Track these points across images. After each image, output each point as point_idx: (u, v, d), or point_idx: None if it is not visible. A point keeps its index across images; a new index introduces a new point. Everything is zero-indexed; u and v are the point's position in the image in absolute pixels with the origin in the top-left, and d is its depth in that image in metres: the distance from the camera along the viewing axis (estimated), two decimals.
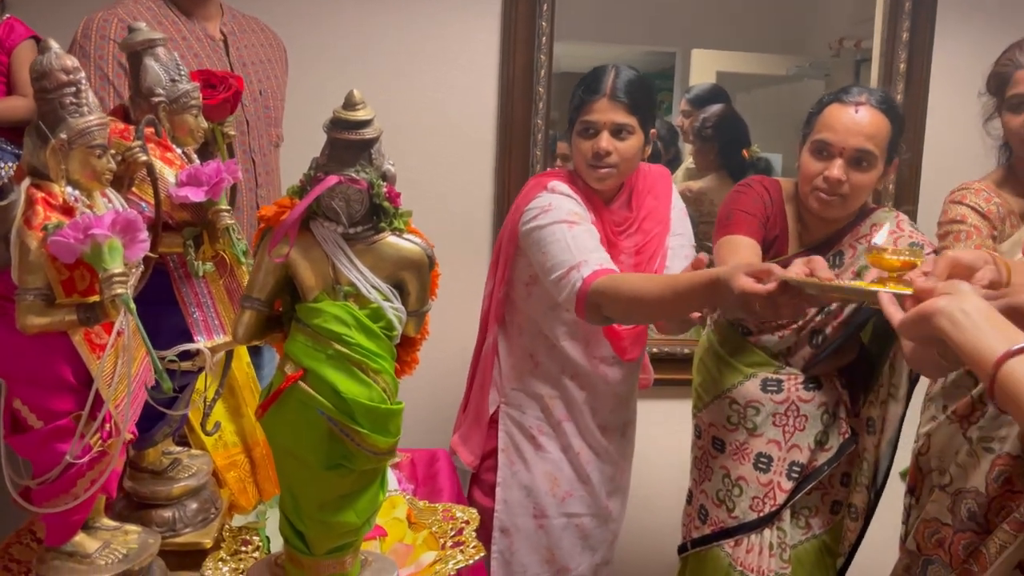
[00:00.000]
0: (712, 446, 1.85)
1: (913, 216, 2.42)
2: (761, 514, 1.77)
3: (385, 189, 0.75)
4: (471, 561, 1.04)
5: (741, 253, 1.61)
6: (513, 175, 2.32)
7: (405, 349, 0.82)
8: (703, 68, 2.73)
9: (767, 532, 1.78)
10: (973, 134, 1.91)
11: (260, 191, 1.76)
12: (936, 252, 1.68)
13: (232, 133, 1.15)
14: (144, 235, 0.78)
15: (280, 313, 0.81)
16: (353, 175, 0.74)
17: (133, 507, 1.04)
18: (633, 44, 2.71)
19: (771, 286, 1.22)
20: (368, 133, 0.75)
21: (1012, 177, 1.76)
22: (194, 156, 1.05)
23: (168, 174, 0.96)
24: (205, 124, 1.04)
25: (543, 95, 2.33)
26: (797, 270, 1.23)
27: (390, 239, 0.77)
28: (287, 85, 1.94)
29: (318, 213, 0.75)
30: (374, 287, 0.76)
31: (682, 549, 1.92)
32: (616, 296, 1.49)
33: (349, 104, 0.75)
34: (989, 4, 2.47)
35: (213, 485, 1.13)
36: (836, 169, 1.59)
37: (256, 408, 0.77)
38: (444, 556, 1.04)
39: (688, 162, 2.71)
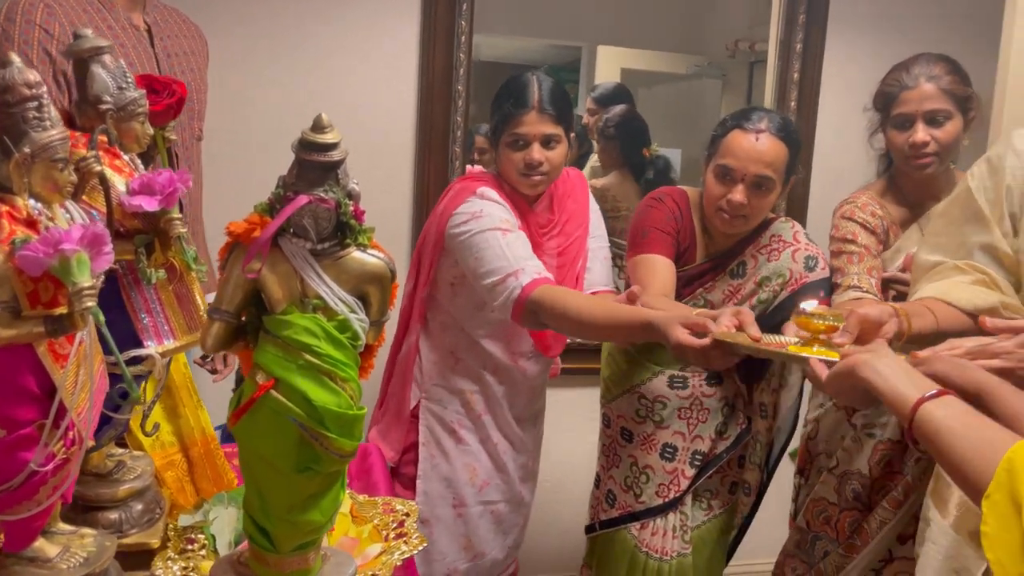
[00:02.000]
0: (621, 436, 1.96)
1: (803, 219, 2.61)
2: (666, 499, 1.90)
3: (352, 208, 0.80)
4: (415, 551, 1.10)
5: (659, 275, 1.75)
6: (433, 173, 2.36)
7: (363, 356, 0.87)
8: (608, 64, 2.82)
9: (671, 516, 1.92)
10: (860, 142, 2.08)
11: None
12: (832, 269, 1.84)
13: (173, 138, 1.16)
14: (109, 248, 0.79)
15: (244, 323, 0.85)
16: (322, 195, 0.78)
17: (79, 510, 1.04)
18: (543, 38, 2.78)
19: (705, 342, 1.32)
20: (336, 155, 0.79)
21: (893, 187, 1.93)
22: (139, 162, 1.06)
23: (118, 182, 0.97)
24: (151, 131, 1.05)
25: (463, 93, 2.37)
26: (726, 322, 1.35)
27: (355, 254, 0.82)
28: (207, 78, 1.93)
29: (287, 230, 0.79)
30: (341, 300, 0.80)
31: (590, 529, 2.04)
32: (556, 310, 1.57)
33: (318, 127, 0.79)
34: (875, 21, 2.66)
35: (155, 486, 1.15)
36: (738, 194, 1.71)
37: (229, 417, 0.81)
38: (389, 548, 1.10)
39: (593, 160, 2.81)
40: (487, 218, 1.69)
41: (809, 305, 1.26)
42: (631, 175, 2.74)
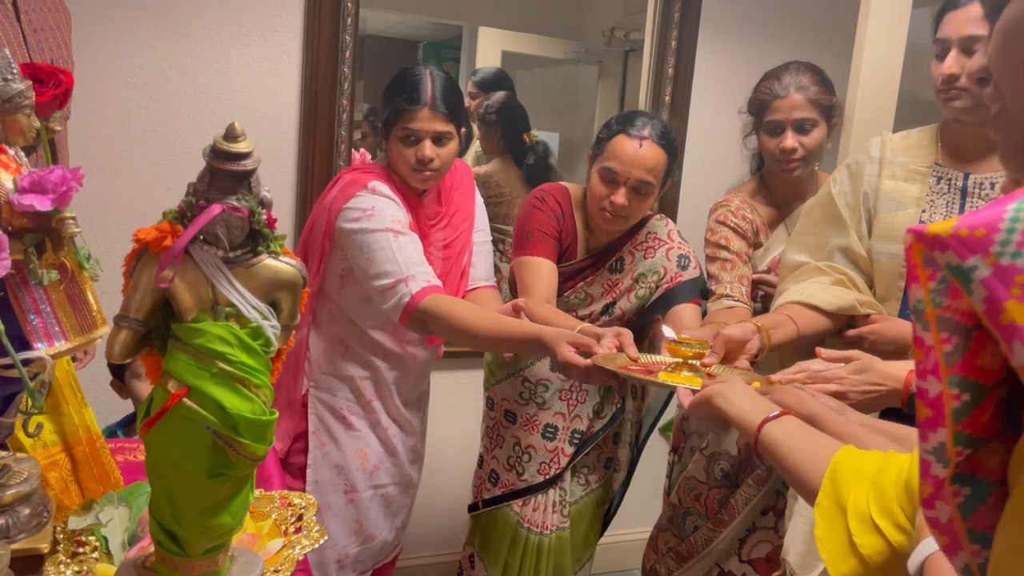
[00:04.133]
0: (504, 417, 2.04)
1: (673, 212, 2.75)
2: (547, 476, 2.00)
3: (264, 216, 0.81)
4: (316, 544, 1.12)
5: (543, 280, 1.85)
6: (317, 156, 2.33)
7: (272, 360, 0.89)
8: (489, 45, 2.87)
9: (551, 492, 2.02)
10: (730, 139, 2.22)
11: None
12: (700, 273, 1.98)
13: (58, 128, 1.11)
14: (6, 254, 0.77)
15: (150, 329, 0.84)
16: (235, 203, 0.79)
17: None
18: (426, 15, 2.79)
19: (588, 363, 1.44)
20: (249, 164, 0.80)
21: (764, 187, 2.09)
22: (23, 156, 1.01)
23: (5, 178, 0.94)
24: (37, 123, 1.01)
25: (348, 75, 2.35)
26: (608, 343, 1.47)
27: (267, 261, 0.83)
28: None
29: (198, 237, 0.79)
30: (253, 307, 0.81)
31: (473, 508, 2.12)
32: (445, 321, 1.64)
33: (231, 136, 0.79)
34: (744, 23, 2.81)
35: (42, 488, 1.11)
36: (620, 196, 1.82)
37: (140, 426, 0.80)
38: (290, 542, 1.11)
39: (475, 146, 2.85)
40: (378, 217, 1.71)
41: (670, 334, 1.44)
42: (513, 161, 2.80)
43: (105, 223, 2.10)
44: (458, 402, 2.64)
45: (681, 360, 1.39)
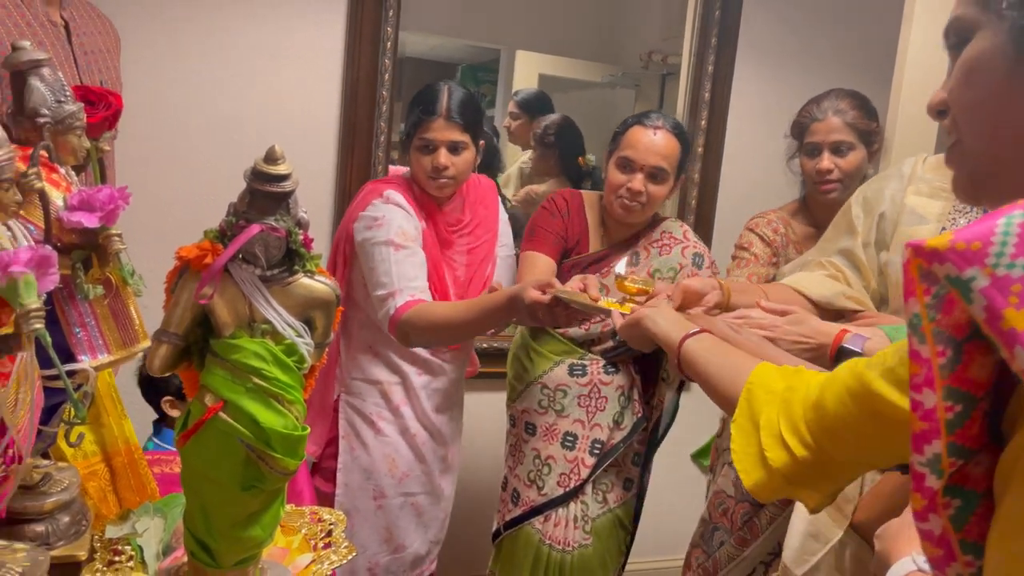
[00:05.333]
0: (525, 431, 2.05)
1: (709, 233, 2.75)
2: (567, 489, 2.00)
3: (301, 236, 0.83)
4: (344, 561, 1.13)
5: (537, 267, 1.92)
6: (355, 175, 2.38)
7: (306, 376, 0.91)
8: (526, 68, 2.91)
9: (572, 506, 2.01)
10: (765, 163, 2.23)
11: None
12: (714, 273, 2.01)
13: (106, 148, 1.15)
14: (55, 269, 0.80)
15: (189, 344, 0.87)
16: (273, 223, 0.81)
17: (4, 523, 1.03)
18: (464, 39, 2.83)
19: (547, 297, 1.54)
20: (287, 186, 0.82)
21: (805, 209, 2.12)
22: (74, 175, 1.05)
23: (55, 196, 0.97)
24: (88, 144, 1.05)
25: (387, 98, 2.39)
26: (573, 286, 1.57)
27: (303, 280, 0.85)
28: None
29: (237, 256, 0.82)
30: (289, 325, 0.83)
31: (495, 535, 2.11)
32: (425, 323, 1.72)
33: (271, 158, 0.81)
34: (780, 51, 2.81)
35: (82, 497, 1.14)
36: (637, 182, 1.89)
37: (177, 438, 0.83)
38: (319, 557, 1.13)
39: (520, 162, 2.88)
40: (385, 228, 1.79)
41: (621, 268, 1.59)
42: (568, 183, 2.83)
43: (148, 240, 2.15)
44: (493, 424, 2.64)
45: (627, 296, 1.50)
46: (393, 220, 1.81)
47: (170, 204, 2.22)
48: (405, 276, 1.76)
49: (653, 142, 1.89)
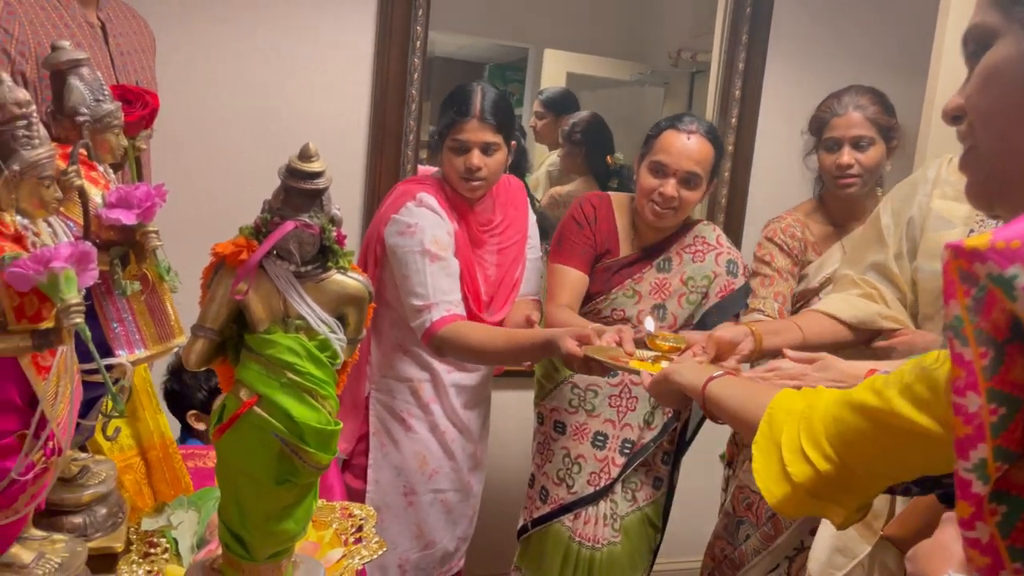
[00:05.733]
0: (554, 430, 2.05)
1: (740, 232, 2.72)
2: (597, 488, 2.00)
3: (335, 232, 0.84)
4: (375, 556, 1.14)
5: (567, 287, 1.94)
6: (384, 175, 2.39)
7: (338, 372, 0.92)
8: (554, 67, 2.89)
9: (602, 504, 2.01)
10: (797, 161, 2.21)
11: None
12: (747, 279, 2.02)
13: (143, 147, 1.17)
14: (95, 265, 0.82)
15: (224, 339, 0.88)
16: (307, 220, 0.82)
17: (43, 514, 1.05)
18: (492, 38, 2.84)
19: (582, 352, 1.53)
20: (321, 183, 0.83)
21: (822, 207, 2.10)
22: (111, 173, 1.07)
23: (94, 193, 0.99)
24: (125, 142, 1.06)
25: (416, 97, 2.40)
26: (608, 338, 1.56)
27: (336, 276, 0.86)
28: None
29: (271, 252, 0.83)
30: (322, 320, 0.84)
31: (522, 531, 2.11)
32: (460, 346, 1.73)
33: (305, 156, 0.82)
34: (813, 48, 2.79)
35: (118, 490, 1.16)
36: (670, 187, 1.87)
37: (212, 432, 0.84)
38: (350, 552, 1.14)
39: (548, 163, 2.88)
40: (418, 236, 1.79)
41: (650, 326, 1.59)
42: (595, 182, 2.82)
43: (183, 237, 2.18)
44: (519, 423, 2.64)
45: (660, 353, 1.50)
46: (427, 227, 1.80)
47: (205, 201, 2.24)
48: (440, 289, 1.77)
49: (687, 147, 1.86)
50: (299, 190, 0.82)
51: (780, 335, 1.66)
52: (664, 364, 1.45)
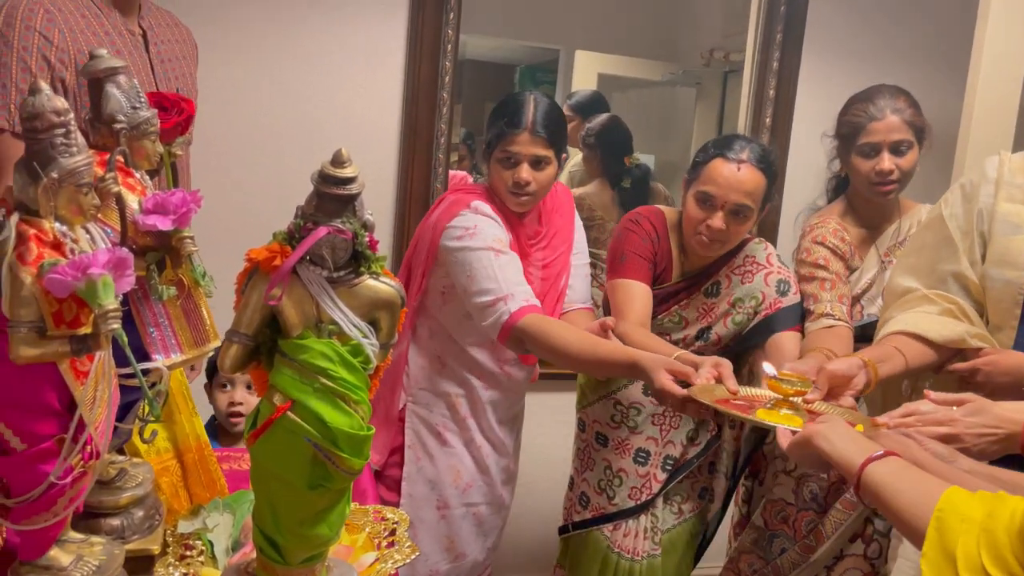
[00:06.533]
0: (595, 440, 2.03)
1: (775, 237, 2.68)
2: (638, 502, 1.97)
3: (367, 238, 0.84)
4: (408, 560, 1.14)
5: (637, 303, 1.83)
6: (416, 179, 2.40)
7: (371, 377, 0.92)
8: (585, 68, 2.88)
9: (643, 517, 1.99)
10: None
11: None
12: (803, 294, 1.92)
13: (179, 153, 1.19)
14: (132, 271, 0.83)
15: (258, 344, 0.88)
16: (340, 225, 0.82)
17: (81, 516, 1.07)
18: (523, 40, 2.83)
19: (685, 393, 1.43)
20: (354, 188, 0.83)
21: (852, 210, 2.05)
22: (148, 179, 1.08)
23: (131, 200, 1.00)
24: (161, 149, 1.08)
25: (447, 101, 2.41)
26: (706, 373, 1.45)
27: (368, 282, 0.86)
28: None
29: (304, 258, 0.83)
30: (355, 325, 0.84)
31: (563, 530, 2.11)
32: (542, 341, 1.65)
33: (337, 162, 0.82)
34: (849, 47, 2.74)
35: (155, 492, 1.18)
36: (718, 220, 1.78)
37: (247, 437, 0.84)
38: (383, 556, 1.14)
39: (571, 165, 2.86)
40: (481, 235, 1.74)
41: (771, 370, 1.40)
42: (609, 185, 2.80)
43: (220, 241, 2.21)
44: (551, 423, 2.63)
45: (781, 397, 1.36)
46: (488, 229, 1.76)
47: (241, 206, 2.27)
48: (512, 280, 1.71)
49: (736, 178, 1.76)
50: (332, 195, 0.82)
51: (886, 363, 1.55)
52: (786, 412, 1.33)
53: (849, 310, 1.90)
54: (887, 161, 1.89)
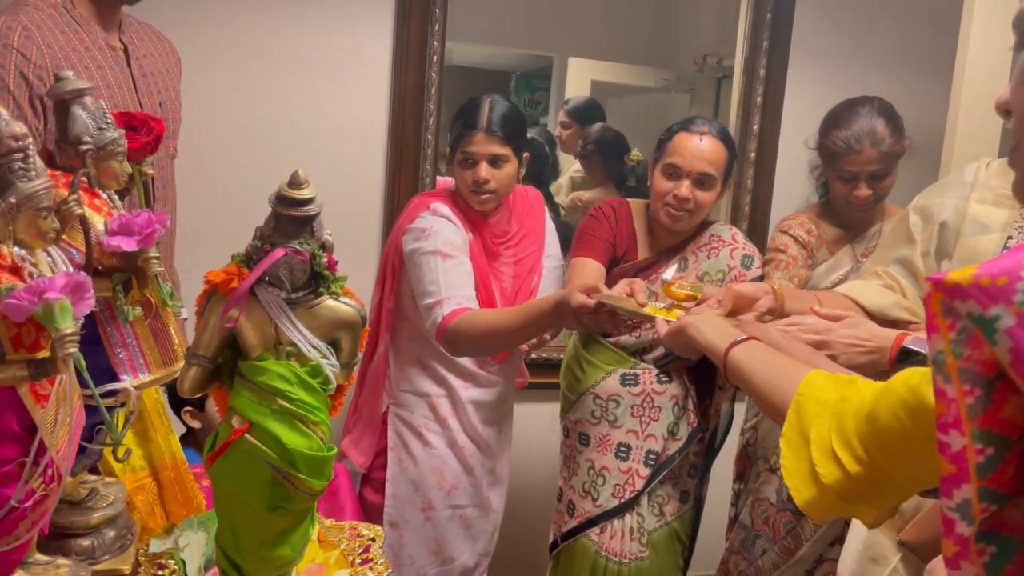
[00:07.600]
0: (578, 442, 2.04)
1: (763, 238, 2.68)
2: (622, 500, 1.97)
3: (325, 259, 0.84)
4: None
5: (585, 273, 1.90)
6: (403, 188, 2.40)
7: (334, 395, 0.92)
8: (579, 75, 2.89)
9: (627, 517, 1.99)
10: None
11: (156, 204, 1.77)
12: (762, 273, 1.99)
13: (150, 172, 1.18)
14: (91, 294, 0.83)
15: (220, 365, 0.89)
16: (297, 247, 0.82)
17: (51, 537, 1.06)
18: (516, 48, 2.84)
19: (592, 302, 1.53)
20: (311, 209, 0.83)
21: (829, 211, 2.10)
22: (116, 200, 1.08)
23: (96, 220, 1.00)
24: (129, 169, 1.08)
25: (434, 111, 2.41)
26: (620, 290, 1.55)
27: (328, 302, 0.86)
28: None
29: (263, 279, 0.83)
30: (314, 346, 0.84)
31: (552, 547, 2.10)
32: (474, 332, 1.71)
33: (294, 183, 0.83)
34: (835, 52, 2.74)
35: (127, 512, 1.17)
36: (684, 189, 1.86)
37: (204, 459, 0.84)
38: (356, 573, 1.14)
39: (571, 170, 2.87)
40: (433, 238, 1.80)
41: (668, 274, 1.56)
42: (615, 188, 2.82)
43: (205, 251, 2.21)
44: (544, 436, 2.62)
45: (674, 302, 1.48)
46: (441, 231, 1.83)
47: (229, 216, 2.26)
48: (452, 285, 1.77)
49: (699, 148, 1.86)
50: (289, 217, 0.83)
51: (799, 301, 1.61)
52: (680, 313, 1.42)
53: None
54: (864, 189, 1.95)
